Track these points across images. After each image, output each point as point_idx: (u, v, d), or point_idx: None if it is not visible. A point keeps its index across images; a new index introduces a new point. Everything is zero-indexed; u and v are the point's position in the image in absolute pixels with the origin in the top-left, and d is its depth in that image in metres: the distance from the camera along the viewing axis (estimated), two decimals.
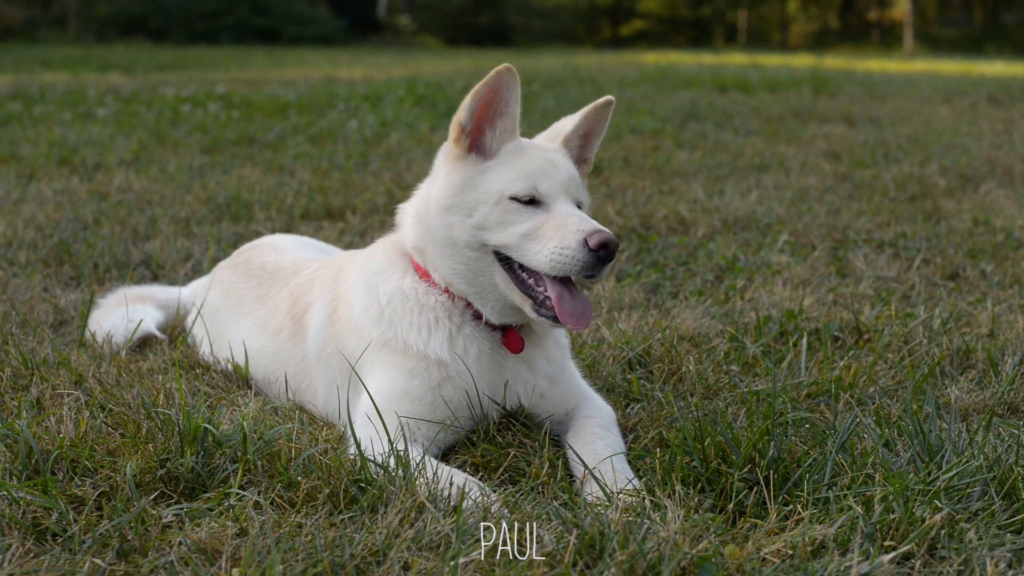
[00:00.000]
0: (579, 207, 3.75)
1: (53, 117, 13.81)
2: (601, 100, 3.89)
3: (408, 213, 3.91)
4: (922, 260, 6.50)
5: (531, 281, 3.65)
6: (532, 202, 3.65)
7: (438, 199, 3.74)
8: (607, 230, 3.56)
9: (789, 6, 61.61)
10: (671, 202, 8.10)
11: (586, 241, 3.52)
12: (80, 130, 12.44)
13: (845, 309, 5.40)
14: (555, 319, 3.60)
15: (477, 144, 3.75)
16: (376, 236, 6.87)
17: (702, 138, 12.25)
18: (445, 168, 3.78)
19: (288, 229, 7.21)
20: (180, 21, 44.99)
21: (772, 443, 3.42)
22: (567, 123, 3.93)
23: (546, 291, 3.62)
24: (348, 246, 6.43)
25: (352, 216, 7.66)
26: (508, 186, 3.65)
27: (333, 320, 3.99)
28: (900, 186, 9.07)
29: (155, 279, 6.12)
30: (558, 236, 3.56)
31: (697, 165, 10.23)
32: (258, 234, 6.73)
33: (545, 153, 3.77)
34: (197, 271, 6.17)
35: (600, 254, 3.52)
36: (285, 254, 4.68)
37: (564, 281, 3.62)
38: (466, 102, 3.72)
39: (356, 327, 3.88)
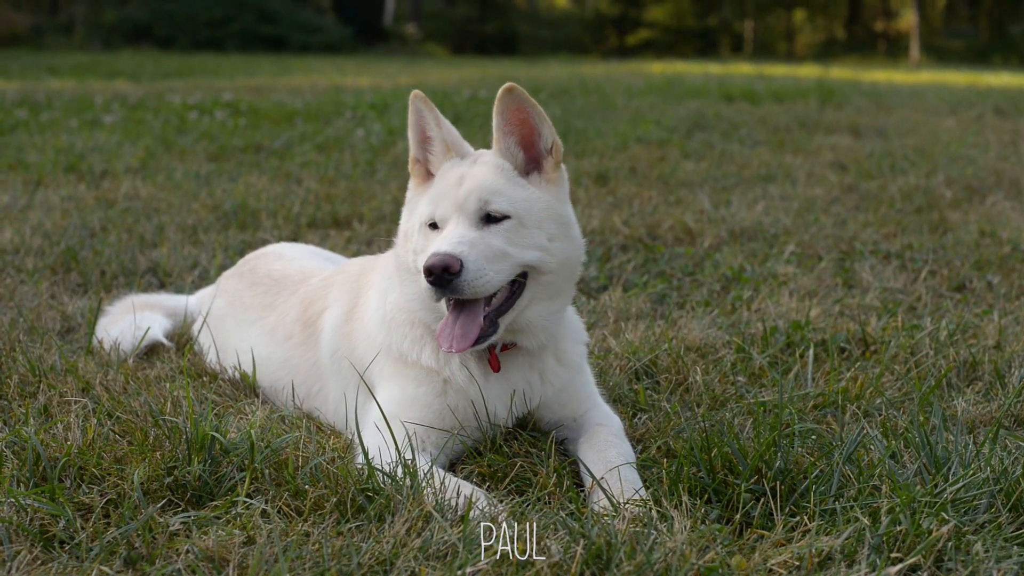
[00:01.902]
0: (499, 219, 3.63)
1: (60, 124, 13.84)
2: (500, 90, 3.70)
3: None
4: (928, 272, 6.50)
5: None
6: (435, 226, 3.69)
7: (401, 226, 3.89)
8: (440, 252, 3.49)
9: (795, 16, 61.61)
10: (677, 212, 8.10)
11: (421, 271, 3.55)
12: (87, 137, 12.47)
13: (852, 320, 5.40)
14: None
15: (430, 171, 3.86)
16: (383, 244, 6.91)
17: (709, 148, 12.25)
18: (408, 197, 3.92)
19: (295, 237, 7.22)
20: (186, 29, 45.01)
21: (779, 454, 3.43)
22: (494, 131, 3.81)
23: None
24: (354, 254, 6.43)
25: (359, 225, 7.67)
26: (421, 212, 3.74)
27: (349, 318, 4.04)
28: (906, 197, 9.06)
29: (162, 287, 6.13)
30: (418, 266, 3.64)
31: (703, 175, 10.23)
32: (265, 242, 6.74)
33: (462, 169, 3.73)
34: (204, 279, 6.18)
35: (429, 279, 3.48)
36: (291, 263, 4.70)
37: (462, 304, 3.60)
38: (409, 135, 3.89)
39: (366, 330, 3.95)
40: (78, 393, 4.22)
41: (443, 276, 3.47)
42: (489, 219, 3.64)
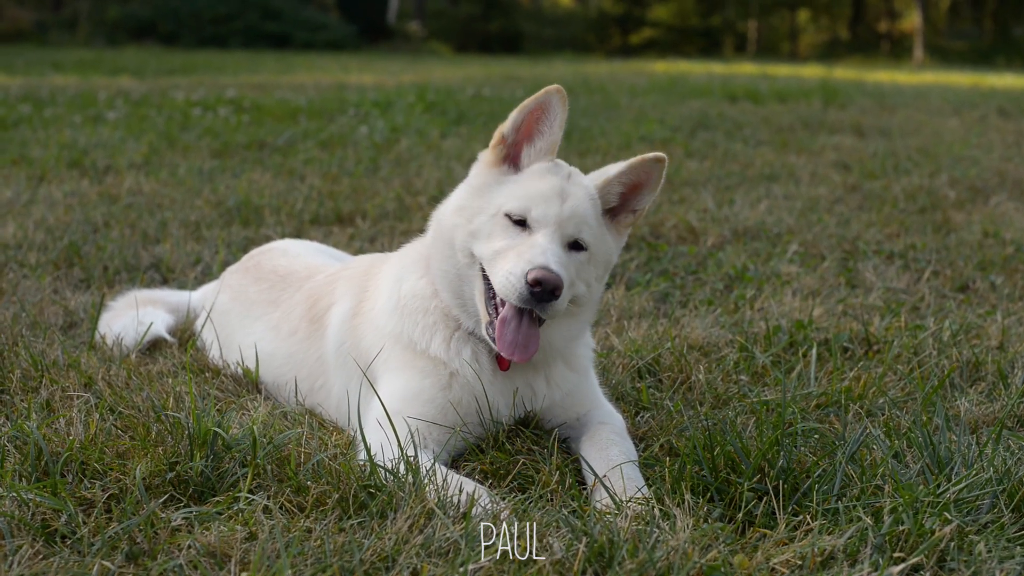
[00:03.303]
0: (580, 248, 3.66)
1: (63, 120, 13.84)
2: (650, 156, 3.75)
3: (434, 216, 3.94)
4: (932, 272, 6.50)
5: (497, 300, 3.62)
6: (522, 224, 3.62)
7: (456, 197, 3.79)
8: (554, 270, 3.46)
9: (799, 16, 61.59)
10: (681, 211, 8.10)
11: (527, 273, 3.48)
12: (90, 133, 12.46)
13: (855, 320, 5.39)
14: (495, 341, 3.59)
15: (514, 157, 3.77)
16: (385, 241, 6.91)
17: (712, 147, 12.24)
18: (475, 170, 3.82)
19: (298, 234, 7.22)
20: (190, 25, 45.03)
21: (781, 453, 3.42)
22: (612, 169, 3.81)
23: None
24: (358, 251, 6.43)
25: (362, 221, 7.66)
26: (507, 201, 3.65)
27: (356, 311, 4.02)
28: (910, 197, 9.06)
29: (165, 282, 6.13)
30: (514, 261, 3.52)
31: (707, 174, 10.22)
32: (268, 238, 6.74)
33: (562, 183, 3.68)
34: (207, 275, 6.17)
35: (534, 290, 3.45)
36: (297, 259, 4.69)
37: (522, 309, 3.56)
38: (513, 114, 3.74)
39: (375, 319, 3.92)
40: (80, 388, 4.22)
41: (549, 295, 3.46)
42: (572, 246, 3.65)
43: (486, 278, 3.64)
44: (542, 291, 3.45)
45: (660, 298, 5.93)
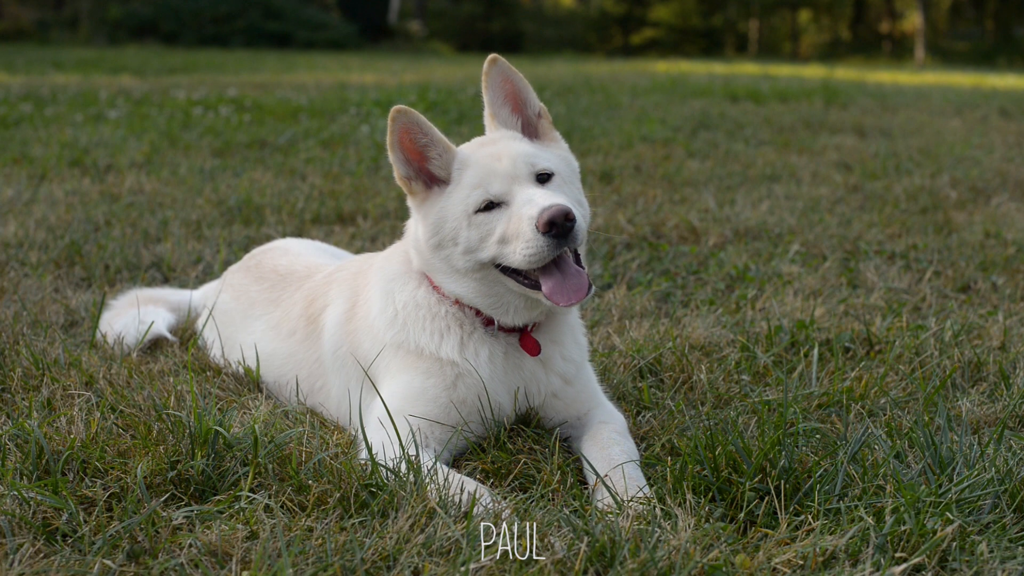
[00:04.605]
0: (548, 176, 3.70)
1: (65, 119, 13.84)
2: (484, 64, 3.87)
3: (408, 241, 3.95)
4: (933, 272, 6.49)
5: (534, 274, 3.65)
6: (494, 206, 3.65)
7: (426, 241, 3.78)
8: (555, 203, 3.50)
9: (800, 17, 61.58)
10: (682, 211, 8.10)
11: (535, 228, 3.50)
12: (91, 132, 12.47)
13: (856, 320, 5.39)
14: (557, 303, 3.60)
15: (431, 178, 3.79)
16: (387, 241, 6.91)
17: (713, 147, 12.24)
18: (419, 214, 3.82)
19: (299, 233, 7.22)
20: (192, 24, 45.07)
21: (783, 453, 3.42)
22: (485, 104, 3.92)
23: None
24: (359, 250, 6.43)
25: (363, 221, 7.66)
26: (466, 203, 3.67)
27: (350, 316, 4.02)
28: (911, 198, 9.05)
29: (166, 281, 6.13)
30: (515, 234, 3.56)
31: (708, 174, 10.22)
32: (269, 238, 6.74)
33: (485, 150, 3.75)
34: (208, 274, 6.17)
35: (552, 233, 3.48)
36: (297, 258, 4.69)
37: (553, 262, 3.60)
38: (391, 158, 3.80)
39: (372, 328, 3.92)
40: (81, 387, 4.22)
41: (565, 224, 3.47)
42: (540, 179, 3.69)
43: (505, 270, 3.66)
44: (560, 227, 3.48)
45: (661, 298, 5.92)
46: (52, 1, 50.72)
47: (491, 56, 3.84)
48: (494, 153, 3.71)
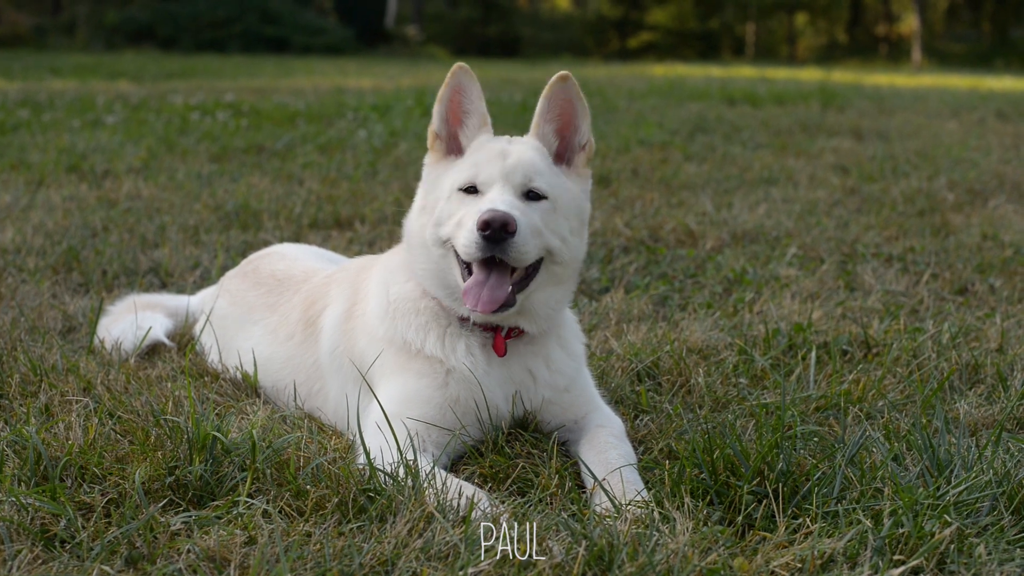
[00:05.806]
0: (538, 197, 3.70)
1: (62, 124, 13.84)
2: (553, 77, 3.86)
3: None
4: (931, 275, 6.50)
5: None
6: (473, 191, 3.71)
7: (416, 201, 3.90)
8: (498, 209, 3.53)
9: (797, 20, 61.62)
10: (680, 214, 8.10)
11: (476, 223, 3.54)
12: (89, 137, 12.46)
13: (854, 323, 5.39)
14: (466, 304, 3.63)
15: (455, 146, 3.88)
16: (384, 245, 6.91)
17: (710, 151, 12.25)
18: (425, 172, 3.92)
19: (297, 238, 7.22)
20: (189, 29, 45.04)
21: (781, 456, 3.42)
22: (536, 113, 3.92)
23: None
24: (356, 255, 6.42)
25: (361, 225, 7.66)
26: (455, 178, 3.75)
27: (349, 315, 4.05)
28: (909, 200, 9.06)
29: (163, 287, 6.13)
30: (467, 222, 3.60)
31: (705, 178, 10.23)
32: (267, 243, 6.74)
33: (502, 144, 3.79)
34: (206, 279, 6.17)
35: (487, 234, 3.51)
36: (295, 263, 4.70)
37: (489, 267, 3.61)
38: (435, 108, 3.87)
39: (367, 323, 3.95)
40: (79, 392, 4.21)
41: (500, 232, 3.50)
42: (529, 196, 3.70)
43: (457, 256, 3.70)
44: (492, 231, 3.50)
45: (659, 301, 5.93)
46: (49, 7, 50.71)
47: (563, 73, 3.85)
48: (506, 150, 3.75)
